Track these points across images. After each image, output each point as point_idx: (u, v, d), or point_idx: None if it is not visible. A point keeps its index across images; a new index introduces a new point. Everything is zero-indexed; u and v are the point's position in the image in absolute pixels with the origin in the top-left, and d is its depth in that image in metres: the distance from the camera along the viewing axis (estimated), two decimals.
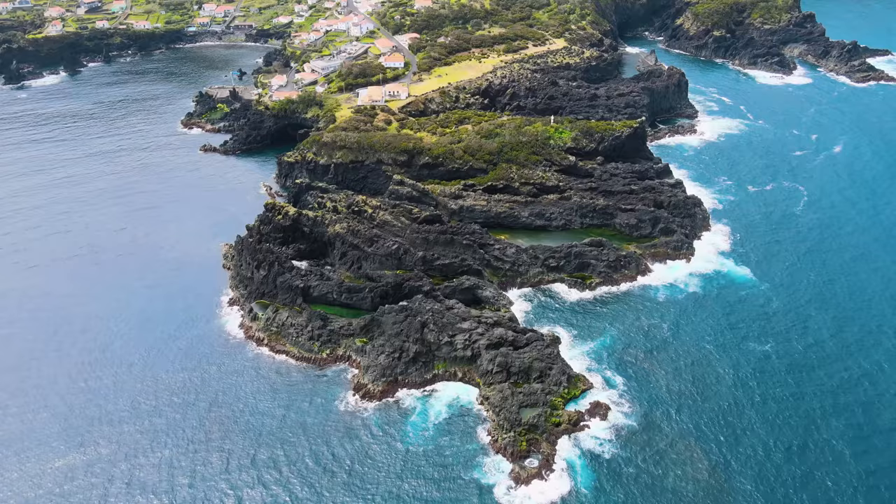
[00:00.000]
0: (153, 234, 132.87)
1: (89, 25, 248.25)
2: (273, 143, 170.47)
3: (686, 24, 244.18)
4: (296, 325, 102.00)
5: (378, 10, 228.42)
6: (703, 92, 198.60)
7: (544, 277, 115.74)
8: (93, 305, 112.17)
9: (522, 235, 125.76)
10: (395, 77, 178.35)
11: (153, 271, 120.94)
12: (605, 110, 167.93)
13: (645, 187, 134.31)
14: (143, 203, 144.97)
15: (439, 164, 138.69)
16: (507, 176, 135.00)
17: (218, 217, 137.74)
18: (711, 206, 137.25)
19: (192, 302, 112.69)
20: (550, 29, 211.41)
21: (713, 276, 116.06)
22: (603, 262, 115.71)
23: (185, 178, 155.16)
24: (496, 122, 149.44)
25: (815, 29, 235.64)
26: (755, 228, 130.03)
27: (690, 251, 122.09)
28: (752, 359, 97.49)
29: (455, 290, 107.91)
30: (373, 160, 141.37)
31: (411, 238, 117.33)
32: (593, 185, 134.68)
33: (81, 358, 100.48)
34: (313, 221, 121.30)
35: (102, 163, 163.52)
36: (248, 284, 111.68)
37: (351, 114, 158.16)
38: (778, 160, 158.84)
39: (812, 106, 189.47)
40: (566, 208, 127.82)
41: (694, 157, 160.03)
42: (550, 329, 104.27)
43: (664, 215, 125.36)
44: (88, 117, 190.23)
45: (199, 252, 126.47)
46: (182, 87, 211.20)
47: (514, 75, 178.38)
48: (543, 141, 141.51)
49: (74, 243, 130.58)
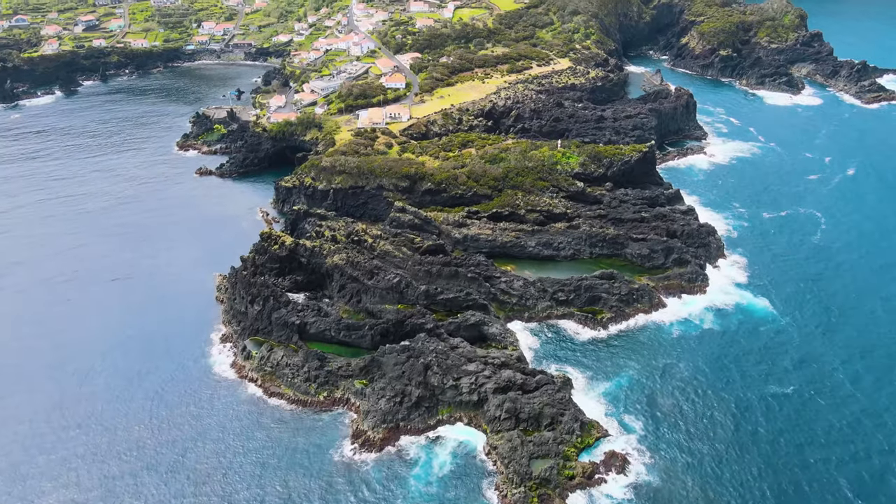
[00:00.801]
0: (143, 262, 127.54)
1: (86, 44, 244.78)
2: (271, 165, 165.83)
3: (691, 43, 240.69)
4: (291, 366, 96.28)
5: (379, 29, 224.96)
6: (711, 113, 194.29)
7: (553, 312, 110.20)
8: (73, 338, 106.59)
9: (529, 266, 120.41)
10: (396, 98, 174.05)
11: (141, 302, 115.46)
12: (612, 132, 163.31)
13: (656, 215, 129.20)
14: (134, 228, 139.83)
15: (442, 190, 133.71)
16: (513, 203, 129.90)
17: (212, 244, 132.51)
18: (725, 233, 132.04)
19: (181, 337, 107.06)
20: (555, 48, 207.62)
21: (730, 310, 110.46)
22: (615, 295, 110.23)
23: (179, 202, 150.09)
24: (501, 146, 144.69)
25: (822, 48, 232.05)
26: (773, 258, 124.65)
27: (705, 283, 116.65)
28: (776, 405, 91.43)
29: (460, 326, 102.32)
30: (373, 186, 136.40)
31: (413, 270, 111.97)
32: (602, 213, 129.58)
33: (57, 397, 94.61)
34: (311, 252, 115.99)
35: (93, 185, 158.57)
36: (241, 320, 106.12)
37: (351, 137, 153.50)
38: (792, 184, 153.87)
39: (823, 127, 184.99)
40: (575, 237, 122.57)
41: (705, 181, 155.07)
42: (561, 369, 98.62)
43: (677, 245, 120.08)
44: (82, 138, 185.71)
45: (191, 282, 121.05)
46: (179, 106, 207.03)
47: (518, 96, 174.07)
48: (550, 166, 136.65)
49: (58, 270, 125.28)
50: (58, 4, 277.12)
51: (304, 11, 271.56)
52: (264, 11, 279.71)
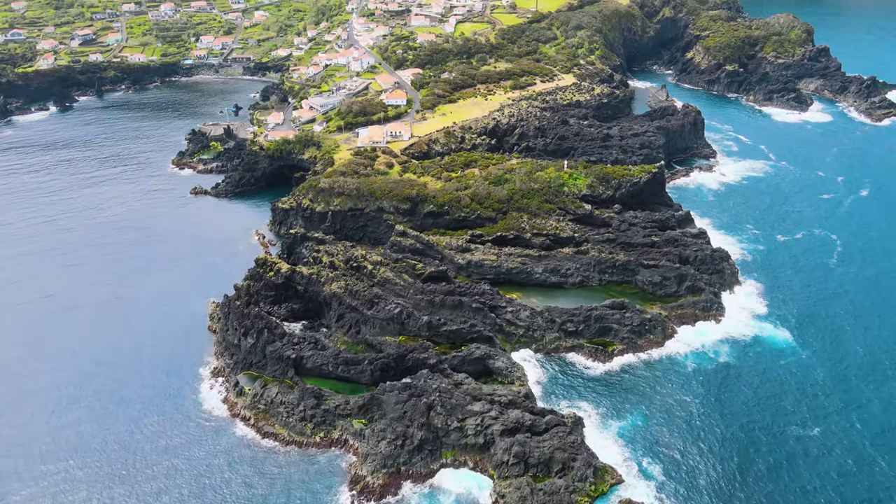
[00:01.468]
0: (133, 287, 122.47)
1: (82, 59, 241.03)
2: (268, 184, 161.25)
3: (697, 58, 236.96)
4: (286, 403, 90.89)
5: (379, 44, 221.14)
6: (719, 130, 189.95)
7: (562, 343, 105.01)
8: (51, 366, 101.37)
9: (536, 294, 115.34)
10: (397, 115, 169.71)
11: (130, 331, 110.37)
12: (618, 151, 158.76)
13: (667, 239, 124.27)
14: (125, 251, 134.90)
15: (444, 213, 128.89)
16: (518, 226, 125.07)
17: (206, 269, 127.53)
18: (740, 257, 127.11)
19: (171, 370, 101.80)
20: (558, 64, 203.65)
21: (748, 341, 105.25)
22: (626, 326, 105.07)
23: (173, 223, 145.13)
24: (505, 167, 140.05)
25: (830, 63, 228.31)
26: (790, 284, 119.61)
27: (720, 311, 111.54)
28: (802, 449, 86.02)
29: (464, 360, 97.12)
30: (373, 208, 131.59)
31: (415, 299, 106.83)
32: (611, 237, 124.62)
33: (27, 435, 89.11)
34: (308, 280, 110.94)
35: (84, 205, 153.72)
36: (234, 353, 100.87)
37: (350, 156, 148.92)
38: (805, 205, 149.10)
39: (834, 145, 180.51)
40: (583, 263, 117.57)
41: (716, 202, 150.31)
42: (571, 405, 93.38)
43: (690, 272, 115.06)
44: (74, 154, 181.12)
45: (182, 310, 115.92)
46: (175, 122, 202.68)
47: (522, 114, 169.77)
48: (557, 188, 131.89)
49: (40, 292, 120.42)
50: (54, 18, 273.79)
51: (303, 25, 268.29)
52: (263, 25, 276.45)
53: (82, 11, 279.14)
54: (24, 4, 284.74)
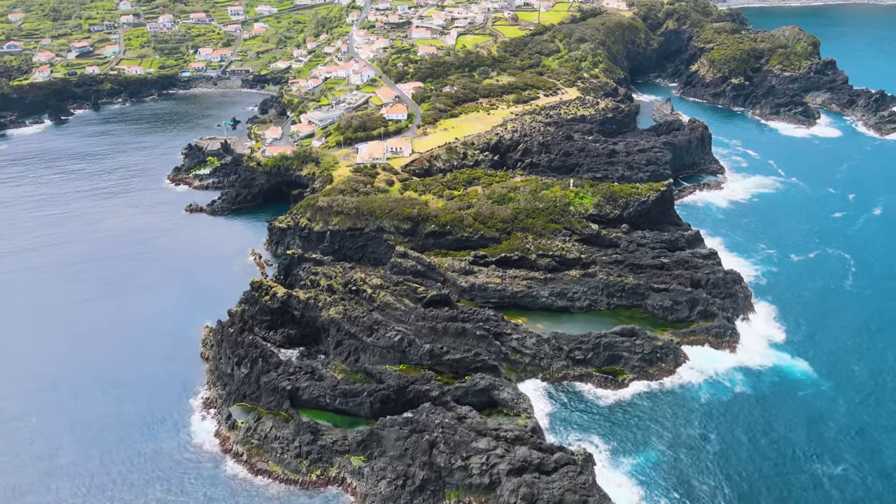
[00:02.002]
0: (123, 310, 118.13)
1: (78, 71, 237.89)
2: (265, 201, 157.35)
3: (701, 71, 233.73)
4: (281, 439, 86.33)
5: (380, 57, 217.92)
6: (726, 145, 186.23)
7: (570, 372, 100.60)
8: (35, 387, 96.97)
9: (542, 318, 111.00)
10: (397, 130, 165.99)
11: (118, 357, 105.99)
12: (624, 167, 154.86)
13: (677, 261, 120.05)
14: (116, 270, 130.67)
15: (447, 233, 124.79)
16: (523, 246, 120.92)
17: (199, 291, 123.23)
18: (752, 279, 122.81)
19: (161, 400, 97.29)
20: (562, 77, 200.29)
21: (764, 371, 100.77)
22: (637, 354, 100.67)
23: (167, 242, 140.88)
24: (509, 185, 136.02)
25: (837, 76, 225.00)
26: (806, 308, 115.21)
27: (734, 338, 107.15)
28: (827, 489, 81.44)
29: (468, 391, 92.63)
30: (373, 228, 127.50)
31: (416, 326, 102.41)
32: (619, 258, 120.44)
33: (7, 469, 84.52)
34: (305, 304, 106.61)
35: (75, 222, 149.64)
36: (227, 383, 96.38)
37: (349, 173, 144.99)
38: (817, 223, 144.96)
39: (843, 161, 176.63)
40: (591, 287, 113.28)
41: (725, 220, 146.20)
42: (581, 439, 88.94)
43: (703, 296, 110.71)
44: (67, 169, 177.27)
45: (174, 335, 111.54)
46: (171, 136, 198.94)
47: (525, 129, 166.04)
48: (562, 207, 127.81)
49: (27, 313, 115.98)
50: (52, 30, 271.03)
51: (303, 38, 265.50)
52: (263, 37, 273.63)
53: (80, 23, 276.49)
54: (22, 16, 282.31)
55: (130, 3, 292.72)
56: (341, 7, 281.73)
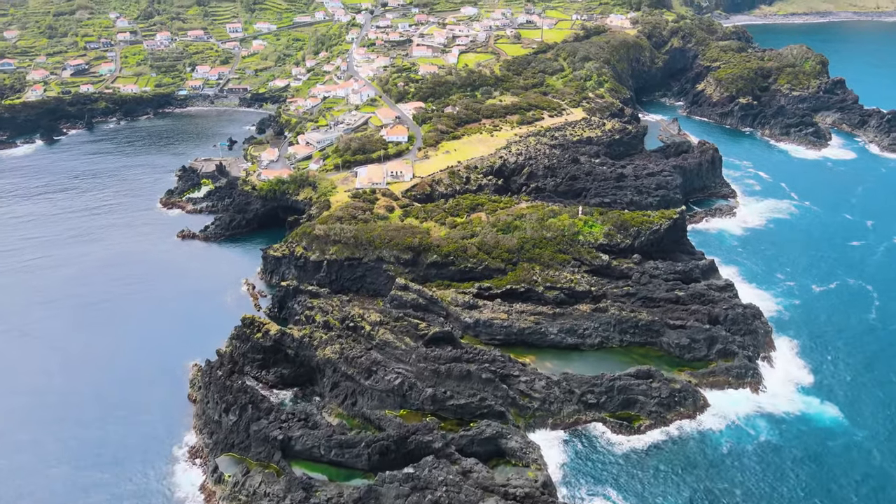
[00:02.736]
0: (107, 343, 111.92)
1: (73, 90, 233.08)
2: (260, 226, 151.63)
3: (708, 90, 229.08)
4: (271, 496, 79.61)
5: (380, 76, 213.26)
6: (736, 166, 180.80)
7: (582, 417, 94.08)
8: (4, 438, 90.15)
9: (551, 357, 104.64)
10: (397, 153, 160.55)
11: (98, 396, 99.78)
12: (633, 192, 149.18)
13: (693, 294, 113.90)
14: (102, 300, 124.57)
15: (450, 263, 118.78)
16: (529, 278, 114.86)
17: (189, 324, 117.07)
18: (772, 313, 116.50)
19: (143, 446, 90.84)
20: (567, 97, 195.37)
21: (790, 417, 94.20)
22: (653, 398, 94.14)
23: (157, 270, 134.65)
24: (514, 212, 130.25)
25: (847, 96, 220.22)
26: (831, 345, 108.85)
27: (756, 379, 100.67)
28: None
29: (473, 440, 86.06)
30: (372, 258, 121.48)
31: (418, 367, 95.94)
32: (631, 290, 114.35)
33: None
34: (299, 343, 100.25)
35: (62, 248, 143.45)
36: (214, 430, 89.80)
37: (348, 198, 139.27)
38: (836, 252, 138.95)
39: (859, 184, 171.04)
40: (602, 323, 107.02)
41: (740, 248, 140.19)
42: (595, 494, 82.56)
43: (721, 333, 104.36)
44: (56, 193, 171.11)
45: (160, 372, 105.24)
46: (165, 157, 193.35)
47: (530, 151, 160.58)
48: (571, 237, 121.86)
49: (3, 343, 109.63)
50: (47, 48, 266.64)
51: (302, 55, 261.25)
52: (261, 55, 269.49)
53: (76, 41, 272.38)
54: (17, 33, 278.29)
55: (128, 20, 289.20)
56: (341, 25, 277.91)
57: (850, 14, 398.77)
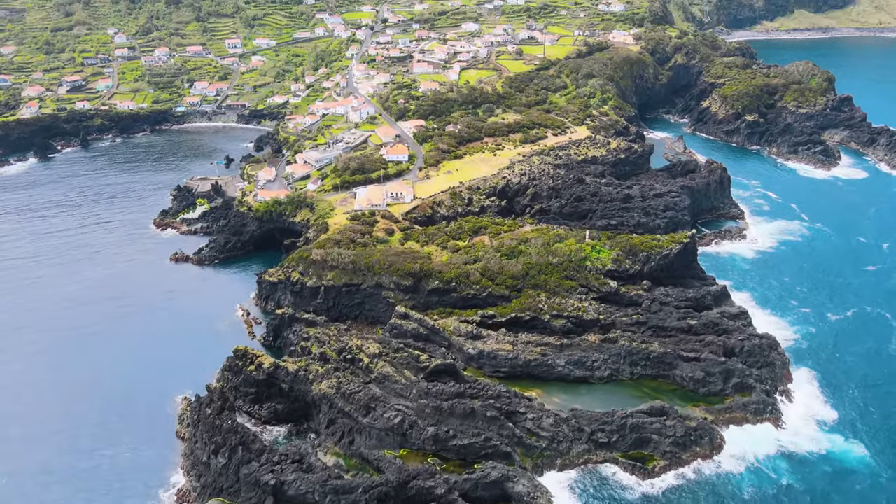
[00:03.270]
0: (93, 373, 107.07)
1: (68, 106, 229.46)
2: (256, 248, 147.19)
3: (713, 107, 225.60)
4: None
5: (380, 93, 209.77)
6: (745, 186, 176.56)
7: (592, 457, 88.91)
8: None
9: (558, 390, 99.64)
10: (398, 173, 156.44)
11: (81, 433, 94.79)
12: (641, 214, 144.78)
13: (706, 323, 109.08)
14: (90, 327, 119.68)
15: (452, 290, 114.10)
16: (535, 306, 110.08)
17: (180, 353, 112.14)
18: (789, 342, 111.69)
19: (127, 490, 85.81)
20: (570, 115, 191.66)
21: (813, 457, 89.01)
22: (668, 437, 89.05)
23: (147, 296, 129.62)
24: (519, 236, 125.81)
25: (855, 113, 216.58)
26: (852, 377, 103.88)
27: (776, 415, 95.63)
28: None
29: (478, 484, 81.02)
30: (371, 284, 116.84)
31: (419, 404, 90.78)
32: (641, 319, 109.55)
33: None
34: (294, 377, 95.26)
35: (51, 271, 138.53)
36: (202, 473, 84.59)
37: (346, 221, 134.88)
38: (850, 276, 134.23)
39: (871, 205, 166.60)
40: (612, 354, 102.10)
41: (752, 272, 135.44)
42: None
43: (738, 366, 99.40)
44: (45, 212, 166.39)
45: (148, 406, 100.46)
46: (160, 175, 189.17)
47: (534, 171, 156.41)
48: (578, 262, 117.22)
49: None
50: (44, 64, 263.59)
51: (301, 71, 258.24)
52: (260, 71, 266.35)
53: (73, 56, 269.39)
54: (14, 49, 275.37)
55: (126, 36, 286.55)
56: (341, 41, 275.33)
57: (851, 30, 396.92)
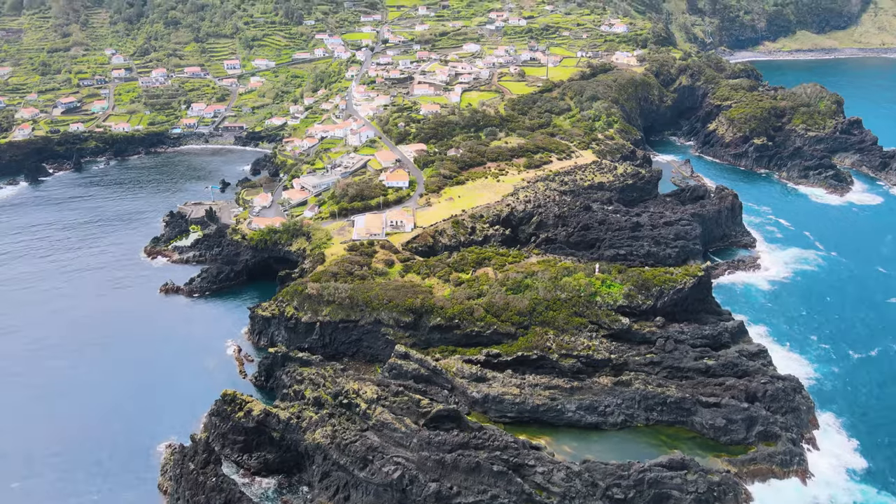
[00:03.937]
0: (71, 417, 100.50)
1: (62, 128, 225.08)
2: (250, 278, 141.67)
3: (720, 130, 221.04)
4: None
5: (380, 115, 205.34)
6: (756, 212, 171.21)
7: None
8: None
9: (569, 437, 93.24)
10: (398, 199, 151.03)
11: (58, 484, 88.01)
12: (650, 243, 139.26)
13: (725, 364, 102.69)
14: (72, 364, 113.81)
15: (454, 327, 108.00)
16: (543, 344, 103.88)
17: (166, 395, 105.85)
18: (811, 382, 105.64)
19: None
20: (575, 139, 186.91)
21: None
22: (690, 494, 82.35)
23: (133, 331, 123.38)
24: (524, 268, 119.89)
25: (865, 136, 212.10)
26: (881, 422, 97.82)
27: (803, 466, 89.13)
28: None
29: None
30: (369, 320, 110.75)
31: (420, 456, 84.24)
32: (655, 358, 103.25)
33: None
34: (286, 425, 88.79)
35: (34, 302, 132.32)
36: None
37: (344, 251, 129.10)
38: (872, 310, 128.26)
39: (888, 232, 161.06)
40: (626, 399, 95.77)
41: (768, 305, 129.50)
42: None
43: (762, 413, 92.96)
44: (32, 239, 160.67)
45: (129, 453, 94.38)
46: (154, 200, 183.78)
47: (539, 198, 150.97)
48: (588, 298, 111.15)
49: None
50: (39, 85, 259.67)
51: (300, 93, 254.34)
52: (259, 92, 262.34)
53: (69, 77, 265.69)
54: (9, 70, 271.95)
55: (124, 56, 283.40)
56: (341, 62, 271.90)
57: (854, 50, 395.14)
